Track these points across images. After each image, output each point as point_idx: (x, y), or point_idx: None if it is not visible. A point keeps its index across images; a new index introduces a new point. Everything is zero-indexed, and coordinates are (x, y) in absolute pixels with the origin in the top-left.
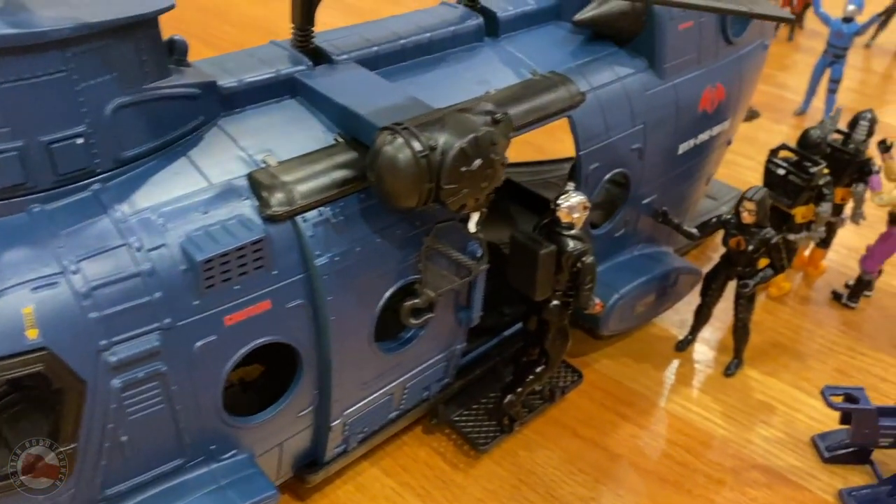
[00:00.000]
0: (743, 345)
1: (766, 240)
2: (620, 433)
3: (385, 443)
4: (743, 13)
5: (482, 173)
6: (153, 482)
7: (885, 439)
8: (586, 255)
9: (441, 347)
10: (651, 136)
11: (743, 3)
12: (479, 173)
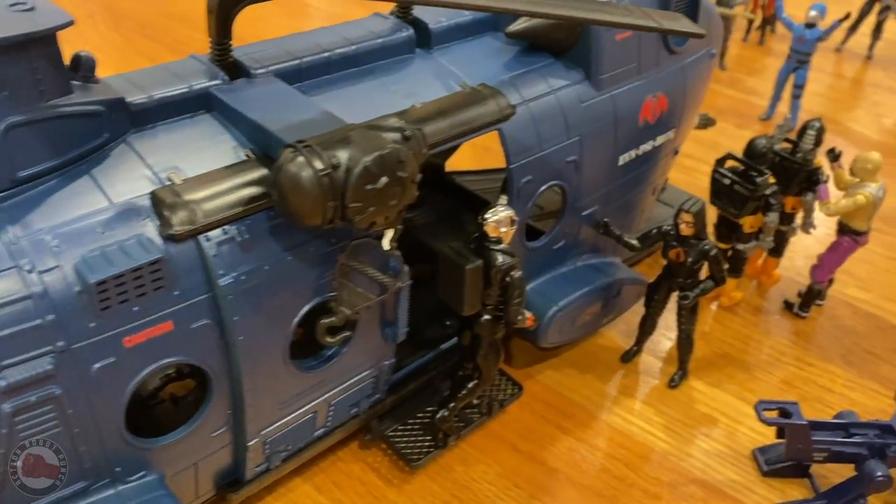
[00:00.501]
0: (687, 356)
1: (705, 251)
2: (559, 447)
3: (319, 458)
4: (652, 28)
5: (389, 191)
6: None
7: (820, 454)
8: (515, 270)
9: (367, 364)
10: (588, 148)
11: (654, 19)
12: (386, 191)
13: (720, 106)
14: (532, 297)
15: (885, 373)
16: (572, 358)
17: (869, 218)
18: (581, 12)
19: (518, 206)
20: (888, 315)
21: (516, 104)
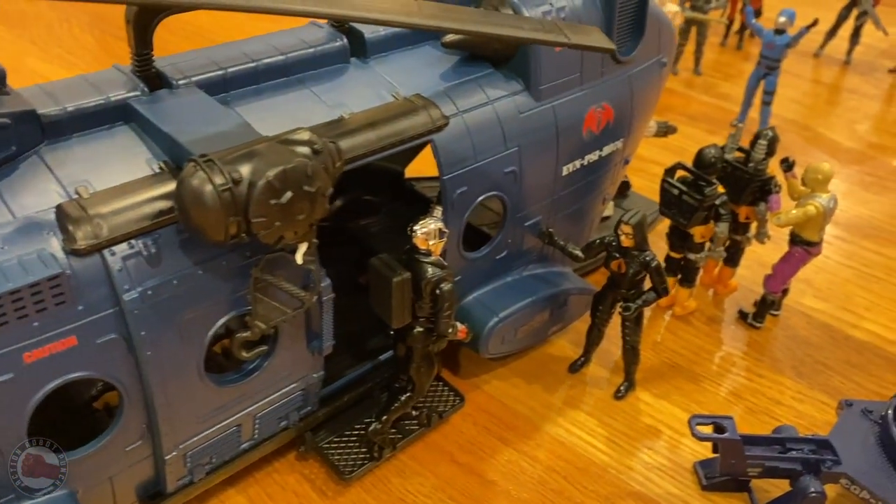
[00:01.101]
0: (633, 367)
1: (646, 262)
2: (499, 459)
3: (254, 469)
4: (560, 43)
5: (295, 206)
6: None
7: (754, 469)
8: (444, 282)
9: (293, 377)
10: (528, 158)
11: (564, 33)
12: (291, 206)
13: (693, 112)
14: (473, 308)
15: (836, 385)
16: (520, 367)
17: (820, 229)
18: (486, 27)
19: (453, 218)
20: (843, 325)
21: (451, 115)
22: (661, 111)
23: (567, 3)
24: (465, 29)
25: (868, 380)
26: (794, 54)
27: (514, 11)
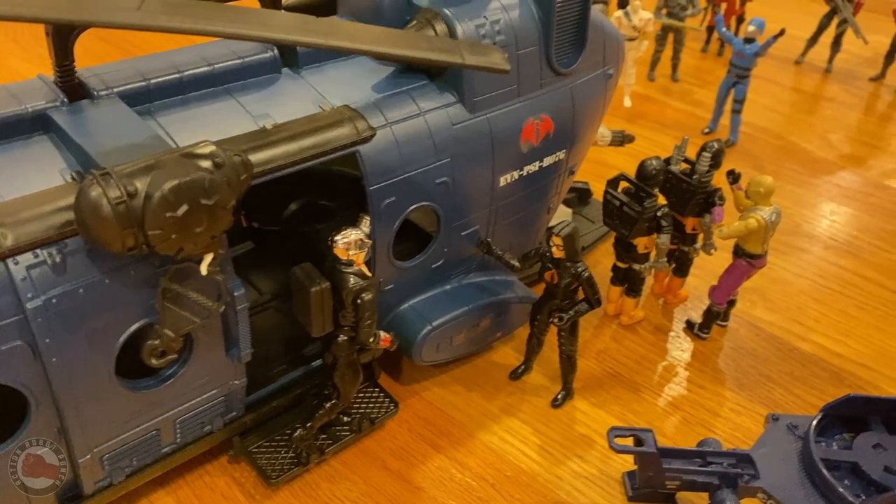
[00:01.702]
0: (570, 376)
1: (578, 274)
2: (429, 465)
3: (186, 470)
4: (456, 64)
5: (192, 219)
6: None
7: (672, 482)
8: (366, 292)
9: (213, 384)
10: (461, 169)
11: (461, 54)
12: (187, 219)
13: (665, 119)
14: (408, 316)
15: (776, 397)
16: (461, 374)
17: (763, 241)
18: (381, 47)
19: (381, 228)
20: (791, 337)
21: (379, 126)
22: (635, 118)
23: (502, 16)
24: (359, 48)
25: (809, 393)
26: (775, 61)
27: (448, 26)
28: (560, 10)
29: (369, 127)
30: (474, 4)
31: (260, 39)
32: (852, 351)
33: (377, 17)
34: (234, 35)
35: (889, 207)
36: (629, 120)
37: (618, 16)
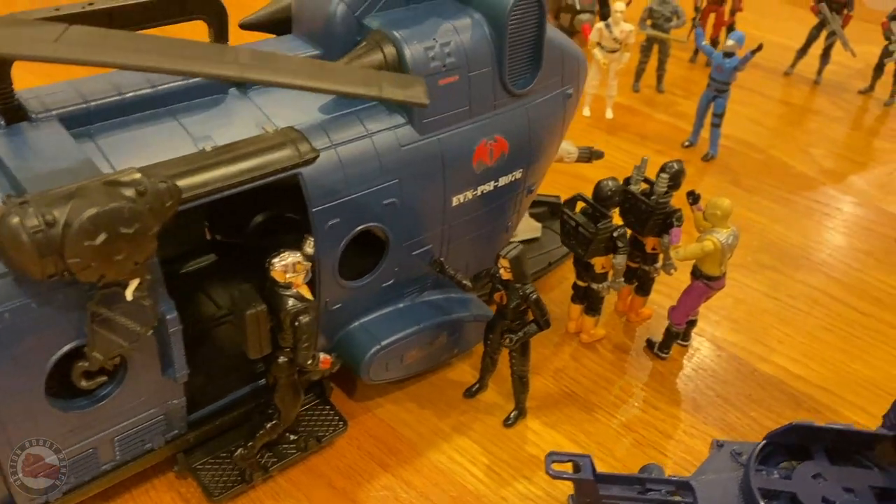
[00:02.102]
0: (522, 396)
1: (525, 295)
2: (375, 484)
3: (133, 485)
4: (372, 97)
5: (111, 247)
6: None
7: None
8: (303, 315)
9: (150, 404)
10: (410, 190)
11: (381, 86)
12: (105, 248)
13: (647, 131)
14: (357, 334)
15: (732, 420)
16: (416, 391)
17: (720, 263)
18: (295, 79)
19: (325, 249)
20: (753, 358)
21: (323, 148)
22: (616, 130)
23: (453, 38)
24: (275, 80)
25: (765, 416)
26: (764, 72)
27: (396, 48)
28: (513, 32)
29: (312, 149)
30: (425, 26)
31: (171, 72)
32: (814, 374)
33: (329, 37)
34: (144, 67)
35: (865, 226)
36: (610, 132)
37: (599, 27)
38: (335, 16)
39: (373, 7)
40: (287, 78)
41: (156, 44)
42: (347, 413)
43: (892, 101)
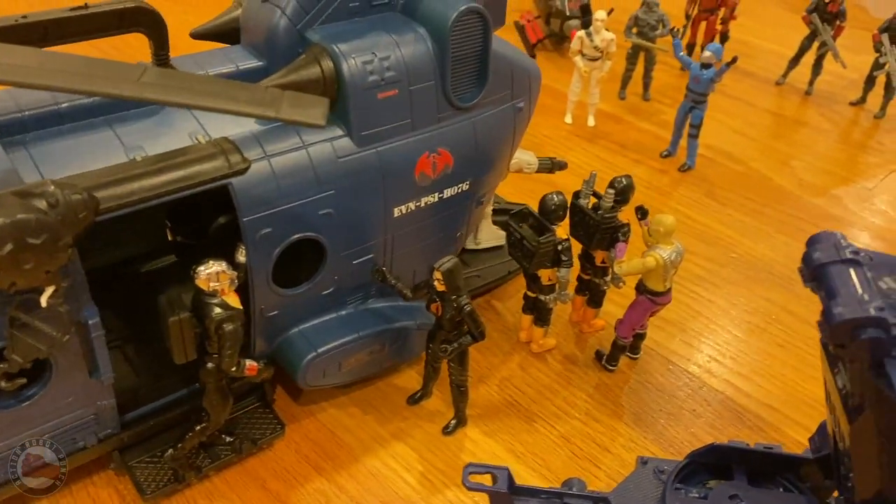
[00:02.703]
0: (461, 405)
1: (459, 307)
2: (307, 488)
3: (72, 481)
4: (267, 117)
5: (18, 257)
6: None
7: None
8: (227, 323)
9: (78, 404)
10: (347, 201)
11: (276, 108)
12: (12, 258)
13: (627, 139)
14: (295, 340)
15: (672, 435)
16: (361, 396)
17: (664, 280)
18: (190, 99)
19: (257, 258)
20: (703, 373)
21: (256, 159)
22: (596, 137)
23: (393, 53)
24: (170, 100)
25: (707, 432)
26: (755, 81)
27: (334, 62)
28: (456, 47)
29: (243, 160)
30: (366, 40)
31: (69, 90)
32: (762, 391)
33: (272, 49)
34: (39, 86)
35: None
36: (590, 140)
37: (580, 36)
38: (277, 28)
39: (315, 20)
40: (183, 98)
41: (59, 62)
42: (290, 417)
43: (882, 113)
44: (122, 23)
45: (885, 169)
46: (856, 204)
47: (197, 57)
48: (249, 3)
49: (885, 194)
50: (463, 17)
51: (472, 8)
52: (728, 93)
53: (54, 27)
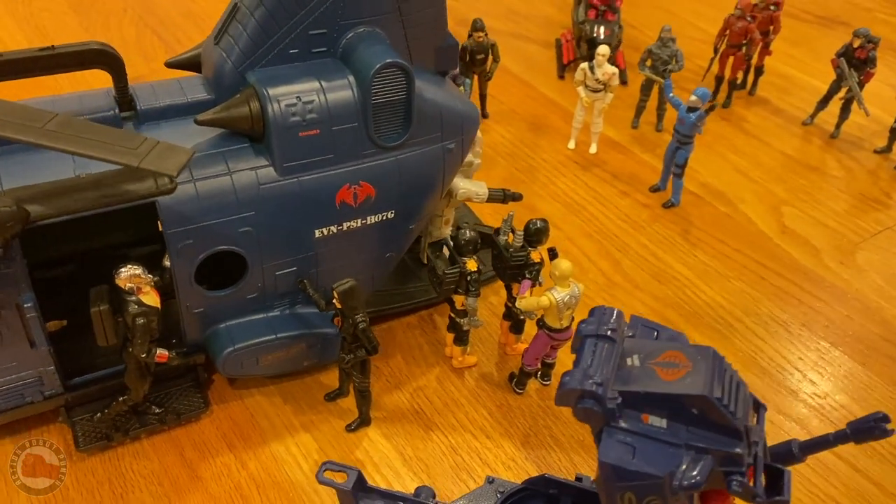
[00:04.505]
0: (364, 408)
1: (354, 324)
2: (217, 461)
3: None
4: (127, 164)
5: None
6: None
7: None
8: (139, 318)
9: (21, 368)
10: (267, 221)
11: (138, 156)
12: None
13: (621, 170)
14: (220, 334)
15: (552, 460)
16: (287, 388)
17: (559, 319)
18: (58, 143)
19: (179, 264)
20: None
21: (183, 181)
22: (591, 165)
23: (316, 97)
24: (39, 143)
25: (584, 462)
26: (783, 119)
27: (260, 104)
28: (377, 95)
29: (171, 181)
30: (294, 85)
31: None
32: None
33: (218, 86)
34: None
35: (794, 294)
36: (584, 167)
37: (583, 67)
38: (223, 68)
39: (256, 63)
40: (51, 142)
41: None
42: (220, 398)
43: (837, 133)
44: (84, 61)
45: (882, 224)
46: (832, 258)
47: (155, 85)
48: (206, 42)
49: (868, 251)
50: (384, 70)
51: (393, 62)
52: (747, 129)
53: (25, 63)
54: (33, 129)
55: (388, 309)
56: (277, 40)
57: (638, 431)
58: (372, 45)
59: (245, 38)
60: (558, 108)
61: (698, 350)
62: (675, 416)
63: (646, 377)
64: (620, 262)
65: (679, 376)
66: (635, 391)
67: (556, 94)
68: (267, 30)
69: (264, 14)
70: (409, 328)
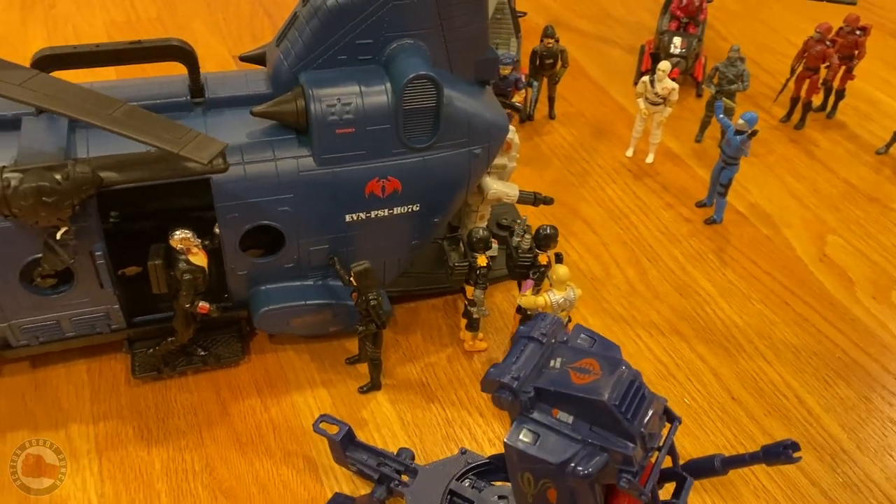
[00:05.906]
0: (375, 374)
1: (367, 301)
2: (245, 402)
3: (103, 353)
4: (169, 152)
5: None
6: None
7: (351, 467)
8: (186, 274)
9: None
10: (303, 203)
11: (179, 145)
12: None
13: (672, 182)
14: (260, 294)
15: None
16: (316, 348)
17: None
18: (118, 126)
19: (227, 233)
20: None
21: (234, 163)
22: (643, 175)
23: (355, 100)
24: (95, 123)
25: None
26: (855, 146)
27: (306, 102)
28: (408, 102)
29: (224, 162)
30: (337, 88)
31: (67, 115)
32: None
33: (276, 81)
34: (61, 113)
35: (820, 328)
36: (636, 176)
37: (644, 81)
38: (280, 68)
39: (309, 65)
40: (105, 123)
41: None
42: (258, 349)
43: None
44: (163, 56)
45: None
46: (865, 292)
47: (226, 75)
48: (271, 43)
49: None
50: (416, 80)
51: (425, 74)
52: (814, 153)
53: (117, 54)
54: (103, 115)
55: (416, 290)
56: (327, 47)
57: (545, 423)
58: (410, 57)
59: (300, 44)
60: (626, 115)
61: (613, 362)
62: (581, 414)
63: (560, 378)
64: (647, 272)
65: (587, 381)
66: (548, 389)
67: (628, 100)
68: (319, 38)
69: (317, 25)
70: (433, 309)
